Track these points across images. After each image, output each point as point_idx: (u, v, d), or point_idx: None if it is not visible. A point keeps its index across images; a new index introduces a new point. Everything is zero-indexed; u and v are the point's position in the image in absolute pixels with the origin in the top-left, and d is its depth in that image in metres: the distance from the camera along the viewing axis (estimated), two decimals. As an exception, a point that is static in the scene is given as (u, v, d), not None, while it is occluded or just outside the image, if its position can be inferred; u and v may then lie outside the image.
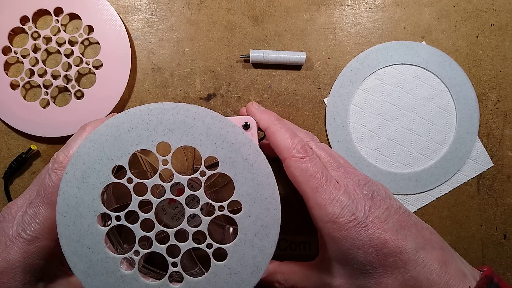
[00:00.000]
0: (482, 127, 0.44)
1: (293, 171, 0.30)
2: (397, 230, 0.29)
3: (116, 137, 0.27)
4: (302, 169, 0.30)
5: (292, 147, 0.30)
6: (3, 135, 0.43)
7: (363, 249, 0.28)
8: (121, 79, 0.43)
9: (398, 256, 0.28)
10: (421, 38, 0.45)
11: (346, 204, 0.29)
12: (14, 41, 0.44)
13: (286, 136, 0.31)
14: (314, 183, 0.29)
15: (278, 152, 0.31)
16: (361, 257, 0.28)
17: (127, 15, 0.44)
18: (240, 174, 0.27)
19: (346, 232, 0.28)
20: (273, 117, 0.33)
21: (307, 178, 0.29)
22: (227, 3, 0.45)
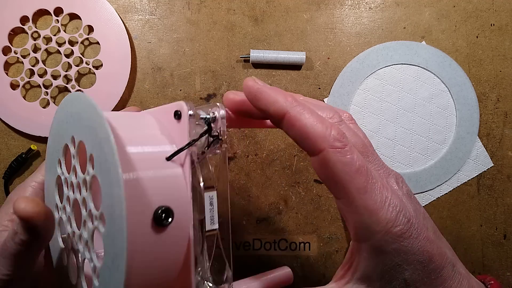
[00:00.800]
0: (482, 127, 0.44)
1: (333, 167, 0.22)
2: (438, 241, 0.24)
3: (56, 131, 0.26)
4: (345, 163, 0.22)
5: (328, 135, 0.22)
6: (3, 135, 0.43)
7: (413, 265, 0.22)
8: (121, 79, 0.43)
9: (440, 273, 0.23)
10: (421, 38, 0.45)
11: (400, 208, 0.22)
12: (14, 41, 0.44)
13: (315, 121, 0.22)
14: (361, 181, 0.22)
15: (309, 143, 0.23)
16: (407, 276, 0.22)
17: (127, 15, 0.44)
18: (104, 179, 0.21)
19: (400, 245, 0.22)
20: (289, 97, 0.24)
21: (352, 174, 0.22)
22: (227, 3, 0.44)
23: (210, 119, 0.25)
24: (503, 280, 0.44)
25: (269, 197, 0.44)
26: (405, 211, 0.22)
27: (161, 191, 0.22)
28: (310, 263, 0.44)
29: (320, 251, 0.44)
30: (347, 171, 0.22)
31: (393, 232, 0.22)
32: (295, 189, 0.44)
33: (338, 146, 0.22)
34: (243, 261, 0.43)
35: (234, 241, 0.43)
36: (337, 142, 0.22)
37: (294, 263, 0.43)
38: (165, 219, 0.22)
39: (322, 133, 0.22)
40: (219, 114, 0.25)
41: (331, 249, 0.44)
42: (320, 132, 0.22)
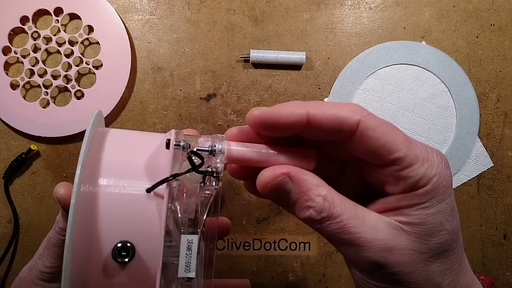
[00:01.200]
0: (482, 127, 0.44)
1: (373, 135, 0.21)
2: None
3: None
4: (382, 125, 0.21)
5: (354, 110, 0.21)
6: (3, 135, 0.43)
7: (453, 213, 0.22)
8: (121, 79, 0.43)
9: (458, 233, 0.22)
10: (421, 38, 0.45)
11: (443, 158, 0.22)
12: (14, 41, 0.44)
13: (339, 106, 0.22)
14: (402, 135, 0.21)
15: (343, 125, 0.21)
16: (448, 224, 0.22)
17: (127, 15, 0.44)
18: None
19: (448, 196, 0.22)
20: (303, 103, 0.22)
21: (392, 132, 0.21)
22: (227, 3, 0.45)
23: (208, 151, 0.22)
24: (503, 280, 0.44)
25: (269, 197, 0.44)
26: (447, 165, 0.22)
27: (126, 225, 0.21)
28: (310, 263, 0.44)
29: (320, 251, 0.44)
30: (387, 132, 0.21)
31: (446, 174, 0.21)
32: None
33: (368, 113, 0.21)
34: (243, 261, 0.43)
35: (234, 241, 0.43)
36: (364, 112, 0.21)
37: (294, 263, 0.43)
38: (122, 256, 0.21)
39: (349, 111, 0.21)
40: (218, 148, 0.22)
41: (331, 249, 0.44)
42: (347, 111, 0.21)
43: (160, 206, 0.22)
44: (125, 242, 0.21)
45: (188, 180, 0.22)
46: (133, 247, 0.21)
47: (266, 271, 0.43)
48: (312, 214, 0.21)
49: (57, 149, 0.43)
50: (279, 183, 0.21)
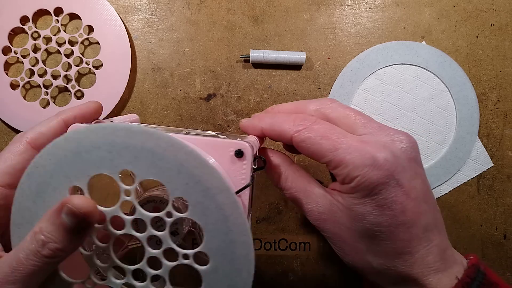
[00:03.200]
0: (482, 127, 0.44)
1: (303, 145, 0.27)
2: (420, 202, 0.27)
3: (76, 155, 0.23)
4: (309, 136, 0.27)
5: (289, 127, 0.28)
6: (3, 135, 0.43)
7: (381, 209, 0.26)
8: (121, 79, 0.43)
9: (408, 229, 0.26)
10: (421, 38, 0.45)
11: (380, 159, 0.25)
12: (14, 41, 0.44)
13: (280, 121, 0.29)
14: (329, 143, 0.26)
15: (284, 139, 0.29)
16: (372, 217, 0.26)
17: (127, 15, 0.44)
18: (212, 224, 0.23)
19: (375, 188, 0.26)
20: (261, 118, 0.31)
21: (319, 141, 0.27)
22: (227, 3, 0.45)
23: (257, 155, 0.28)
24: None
25: (269, 197, 0.44)
26: (388, 163, 0.25)
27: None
28: (310, 263, 0.44)
29: (320, 251, 0.44)
30: (314, 142, 0.27)
31: (370, 176, 0.25)
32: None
33: (300, 128, 0.28)
34: (243, 261, 0.43)
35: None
36: (299, 127, 0.28)
37: (294, 263, 0.43)
38: None
39: (285, 127, 0.28)
40: (256, 147, 0.28)
41: (331, 249, 0.43)
42: (284, 127, 0.29)
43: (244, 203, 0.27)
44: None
45: None
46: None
47: (266, 271, 0.43)
48: (274, 184, 0.31)
49: (57, 149, 0.43)
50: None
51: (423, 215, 0.27)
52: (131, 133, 0.22)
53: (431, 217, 0.27)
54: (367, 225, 0.27)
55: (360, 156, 0.26)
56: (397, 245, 0.27)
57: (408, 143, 0.27)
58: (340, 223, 0.28)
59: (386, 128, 0.28)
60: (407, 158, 0.27)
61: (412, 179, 0.27)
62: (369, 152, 0.26)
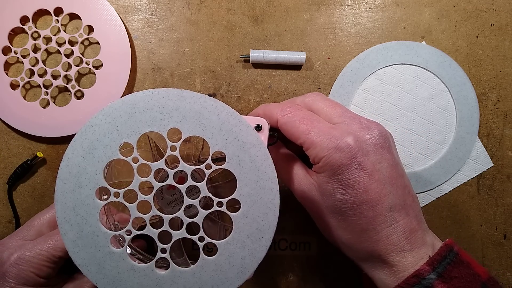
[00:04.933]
0: (482, 127, 0.44)
1: (285, 127, 0.32)
2: (384, 184, 0.29)
3: (130, 115, 0.27)
4: (290, 118, 0.32)
5: (277, 112, 0.33)
6: (3, 135, 0.43)
7: (345, 188, 0.29)
8: (121, 79, 0.43)
9: (372, 208, 0.29)
10: (421, 38, 0.45)
11: (345, 144, 0.29)
12: (14, 41, 0.44)
13: (271, 107, 0.34)
14: (304, 126, 0.31)
15: (272, 123, 0.33)
16: (339, 195, 0.30)
17: (127, 15, 0.44)
18: (245, 174, 0.27)
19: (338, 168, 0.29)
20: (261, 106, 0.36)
21: (296, 124, 0.31)
22: (227, 3, 0.45)
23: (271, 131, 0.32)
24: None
25: (269, 197, 0.44)
26: (350, 147, 0.29)
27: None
28: (310, 263, 0.44)
29: (320, 251, 0.44)
30: (292, 125, 0.31)
31: (333, 157, 0.29)
32: (295, 189, 0.44)
33: (285, 113, 0.32)
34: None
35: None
36: (284, 112, 0.32)
37: (294, 263, 0.43)
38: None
39: (275, 111, 0.33)
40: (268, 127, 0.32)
41: (331, 249, 0.44)
42: (274, 111, 0.33)
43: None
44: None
45: None
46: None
47: (266, 271, 0.43)
48: None
49: (57, 149, 0.43)
50: None
51: (387, 196, 0.29)
52: (182, 97, 0.27)
53: (397, 199, 0.30)
54: (335, 202, 0.30)
55: (327, 140, 0.29)
56: (361, 221, 0.30)
57: (376, 131, 0.31)
58: (316, 200, 0.32)
59: (359, 118, 0.32)
60: (373, 144, 0.30)
61: (377, 163, 0.30)
62: (334, 136, 0.29)
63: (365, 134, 0.30)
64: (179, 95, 0.27)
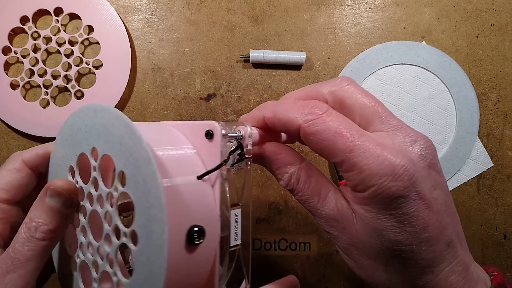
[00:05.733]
0: (482, 127, 0.44)
1: (313, 139, 0.24)
2: (442, 215, 0.23)
3: (70, 137, 0.25)
4: (322, 131, 0.23)
5: (296, 115, 0.24)
6: (3, 135, 0.43)
7: (402, 225, 0.23)
8: (121, 79, 0.43)
9: (431, 247, 0.23)
10: (421, 38, 0.45)
11: (399, 167, 0.22)
12: (14, 41, 0.44)
13: (285, 109, 0.25)
14: (343, 142, 0.23)
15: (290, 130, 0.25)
16: (392, 235, 0.23)
17: (127, 15, 0.44)
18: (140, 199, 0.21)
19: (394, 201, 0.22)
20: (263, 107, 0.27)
21: (332, 138, 0.23)
22: (227, 3, 0.45)
23: (240, 137, 0.25)
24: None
25: (269, 197, 0.44)
26: (408, 174, 0.22)
27: (193, 211, 0.23)
28: (310, 263, 0.44)
29: (320, 251, 0.44)
30: (326, 137, 0.23)
31: (388, 187, 0.22)
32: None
33: (311, 118, 0.23)
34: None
35: (234, 241, 0.43)
36: (309, 116, 0.23)
37: (294, 263, 0.43)
38: (197, 239, 0.22)
39: (291, 116, 0.24)
40: (247, 132, 0.25)
41: (331, 249, 0.44)
42: (290, 116, 0.24)
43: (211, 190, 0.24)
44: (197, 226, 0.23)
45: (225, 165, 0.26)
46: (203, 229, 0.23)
47: (266, 271, 0.43)
48: (282, 184, 0.26)
49: (57, 149, 0.44)
50: (256, 158, 0.27)
51: (446, 229, 0.23)
52: (95, 112, 0.24)
53: (453, 231, 0.24)
54: (385, 243, 0.23)
55: (378, 163, 0.22)
56: (418, 265, 0.23)
57: (427, 148, 0.24)
58: (357, 236, 0.24)
59: (405, 127, 0.25)
60: (427, 165, 0.24)
61: (433, 190, 0.23)
62: (388, 159, 0.22)
63: (416, 152, 0.24)
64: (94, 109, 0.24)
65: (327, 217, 0.25)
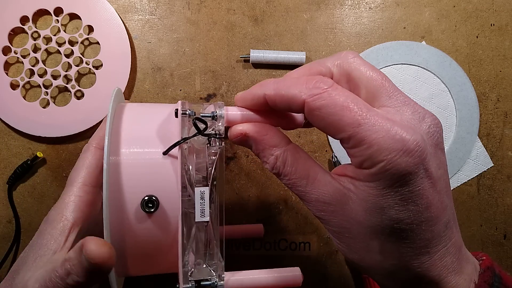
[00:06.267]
0: (482, 127, 0.44)
1: (318, 114, 0.22)
2: (443, 195, 0.23)
3: None
4: (328, 105, 0.22)
5: (300, 91, 0.23)
6: (3, 135, 0.43)
7: (405, 203, 0.22)
8: (121, 79, 0.43)
9: (431, 227, 0.23)
10: (421, 38, 0.45)
11: (409, 142, 0.21)
12: (14, 41, 0.44)
13: (288, 84, 0.24)
14: (351, 116, 0.21)
15: (294, 106, 0.23)
16: (394, 212, 0.22)
17: (127, 15, 0.44)
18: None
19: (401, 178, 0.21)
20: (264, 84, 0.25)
21: (338, 112, 0.22)
22: (227, 3, 0.45)
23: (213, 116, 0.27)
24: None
25: (269, 197, 0.44)
26: (420, 149, 0.21)
27: (150, 182, 0.27)
28: (310, 263, 0.44)
29: (320, 251, 0.44)
30: (332, 112, 0.22)
31: (398, 163, 0.21)
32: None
33: (316, 93, 0.22)
34: (243, 261, 0.43)
35: (234, 241, 0.43)
36: (314, 90, 0.22)
37: (294, 263, 0.43)
38: (148, 207, 0.26)
39: (295, 92, 0.23)
40: (219, 113, 0.26)
41: (331, 249, 0.44)
42: (293, 92, 0.23)
43: (176, 166, 0.27)
44: (151, 195, 0.26)
45: (196, 143, 0.27)
46: (157, 200, 0.26)
47: (266, 271, 0.43)
48: (267, 167, 0.25)
49: (57, 149, 0.43)
50: (240, 139, 0.26)
51: (445, 210, 0.23)
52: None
53: (451, 212, 0.24)
54: (385, 221, 0.22)
55: (388, 137, 0.21)
56: (416, 244, 0.23)
57: (435, 126, 0.23)
58: (351, 216, 0.24)
59: (413, 103, 0.24)
60: (434, 143, 0.23)
61: (438, 169, 0.22)
62: (398, 134, 0.21)
63: (425, 129, 0.23)
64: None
65: (316, 201, 0.24)
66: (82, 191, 0.30)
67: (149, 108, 0.31)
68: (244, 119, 0.27)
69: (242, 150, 0.44)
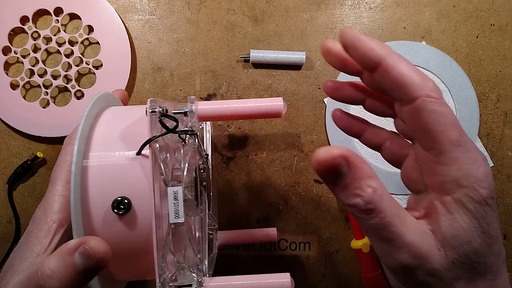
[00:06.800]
0: (482, 127, 0.44)
1: (427, 116, 0.21)
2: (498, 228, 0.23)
3: None
4: (440, 113, 0.21)
5: (425, 85, 0.22)
6: (3, 135, 0.43)
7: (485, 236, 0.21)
8: (121, 79, 0.43)
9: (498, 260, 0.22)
10: (421, 38, 0.45)
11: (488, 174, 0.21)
12: (14, 41, 0.44)
13: (412, 71, 0.22)
14: (455, 134, 0.21)
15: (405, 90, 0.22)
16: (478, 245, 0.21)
17: (127, 15, 0.44)
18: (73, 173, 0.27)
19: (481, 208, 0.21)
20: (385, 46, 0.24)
21: (447, 126, 0.21)
22: (227, 3, 0.45)
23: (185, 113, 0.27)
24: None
25: (269, 197, 0.44)
26: (491, 180, 0.21)
27: (122, 184, 0.26)
28: (310, 263, 0.44)
29: (320, 251, 0.44)
30: (442, 122, 0.21)
31: (480, 191, 0.21)
32: (295, 189, 0.44)
33: (434, 96, 0.21)
34: (243, 261, 0.43)
35: (234, 241, 0.43)
36: (433, 93, 0.21)
37: (294, 263, 0.43)
38: (119, 209, 0.25)
39: (419, 81, 0.22)
40: (189, 108, 0.26)
41: (331, 249, 0.44)
42: (417, 80, 0.22)
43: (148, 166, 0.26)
44: (123, 197, 0.25)
45: (170, 141, 0.27)
46: (129, 201, 0.26)
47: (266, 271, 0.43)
48: (359, 202, 0.21)
49: (57, 149, 0.43)
50: (335, 164, 0.20)
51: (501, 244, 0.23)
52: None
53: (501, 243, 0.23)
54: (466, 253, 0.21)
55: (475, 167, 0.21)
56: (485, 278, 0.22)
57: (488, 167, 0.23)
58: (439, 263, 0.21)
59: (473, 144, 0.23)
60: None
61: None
62: (483, 166, 0.21)
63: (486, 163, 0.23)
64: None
65: (412, 245, 0.21)
66: (66, 190, 0.29)
67: (129, 110, 0.31)
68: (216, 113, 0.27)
69: (242, 150, 0.44)
